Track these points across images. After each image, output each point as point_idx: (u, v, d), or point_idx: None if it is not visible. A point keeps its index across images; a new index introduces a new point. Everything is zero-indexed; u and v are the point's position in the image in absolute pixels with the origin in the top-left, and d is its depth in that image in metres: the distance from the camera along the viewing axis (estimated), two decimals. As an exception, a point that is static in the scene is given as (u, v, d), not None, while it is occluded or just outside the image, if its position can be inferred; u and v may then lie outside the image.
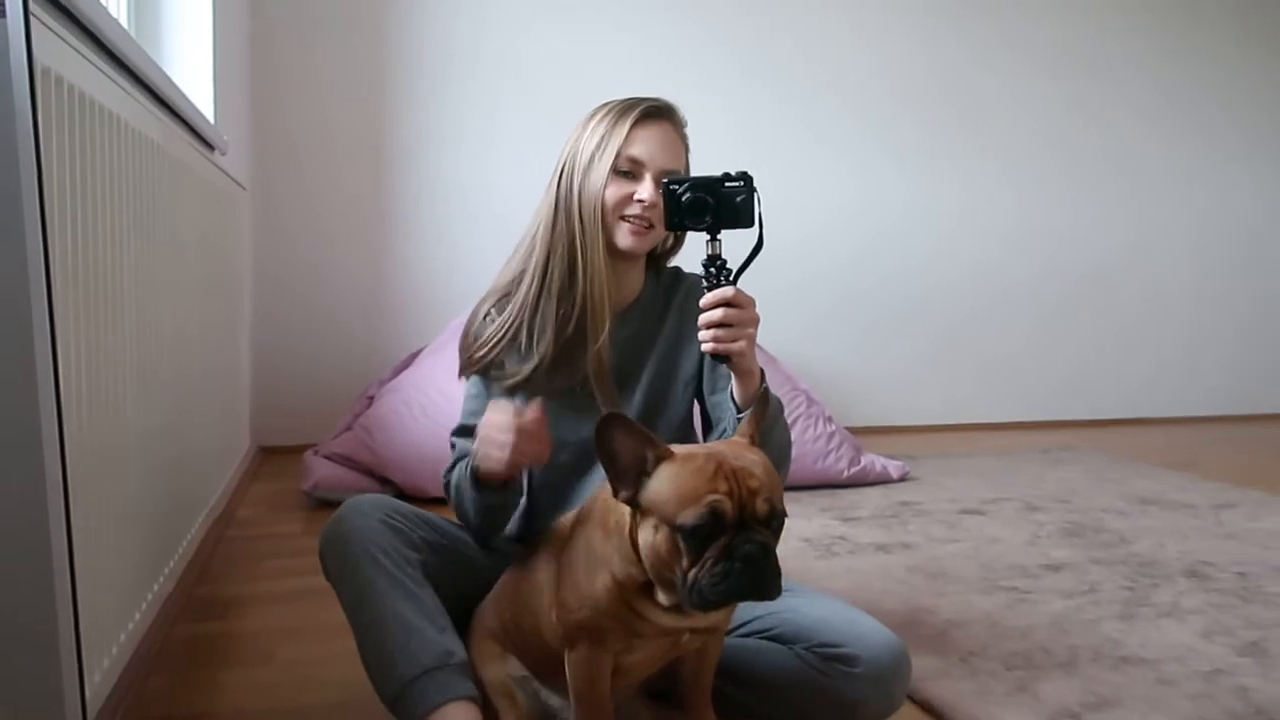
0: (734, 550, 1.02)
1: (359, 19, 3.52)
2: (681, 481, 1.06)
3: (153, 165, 1.56)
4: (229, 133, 2.51)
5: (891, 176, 4.07)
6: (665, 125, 1.43)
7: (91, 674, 1.14)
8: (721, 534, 1.03)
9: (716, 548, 1.02)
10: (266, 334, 3.43)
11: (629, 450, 1.08)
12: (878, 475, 3.05)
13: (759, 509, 1.04)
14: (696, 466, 1.06)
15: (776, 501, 1.06)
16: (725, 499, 1.03)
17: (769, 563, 1.04)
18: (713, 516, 1.02)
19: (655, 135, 1.41)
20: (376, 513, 1.28)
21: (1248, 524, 2.58)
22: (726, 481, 1.04)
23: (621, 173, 1.40)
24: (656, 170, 1.40)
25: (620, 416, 1.09)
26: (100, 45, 1.30)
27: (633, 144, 1.40)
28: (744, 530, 1.03)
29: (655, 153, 1.40)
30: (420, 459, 2.70)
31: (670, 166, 1.41)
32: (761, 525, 1.04)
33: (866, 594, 1.98)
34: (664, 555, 1.05)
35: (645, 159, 1.40)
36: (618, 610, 1.12)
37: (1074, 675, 1.57)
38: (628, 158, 1.40)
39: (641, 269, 1.52)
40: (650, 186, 1.39)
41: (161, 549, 1.66)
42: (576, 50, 3.61)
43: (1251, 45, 4.47)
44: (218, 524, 2.34)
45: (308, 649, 1.67)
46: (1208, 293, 4.49)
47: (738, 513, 1.03)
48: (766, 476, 1.07)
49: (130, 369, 1.39)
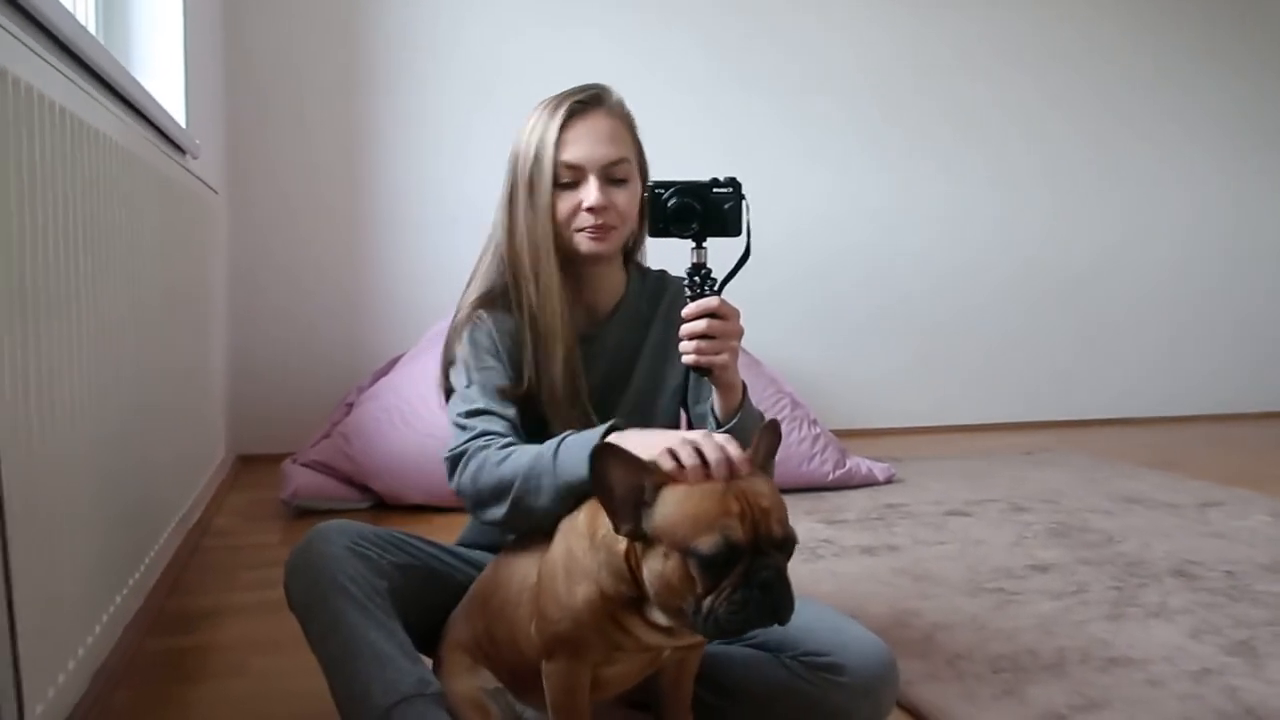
0: (752, 577, 0.97)
1: (337, 21, 3.48)
2: (691, 506, 1.00)
3: (113, 166, 1.52)
4: (202, 136, 2.47)
5: (874, 177, 4.06)
6: (596, 116, 1.35)
7: (43, 690, 1.09)
8: (737, 560, 0.97)
9: (735, 575, 0.97)
10: (244, 340, 3.39)
11: (624, 483, 1.02)
12: (863, 478, 3.03)
13: (774, 532, 1.00)
14: (705, 490, 1.01)
15: (788, 525, 1.02)
16: (739, 523, 0.98)
17: (786, 587, 1.00)
18: (727, 543, 0.97)
19: (586, 132, 1.34)
20: (343, 539, 1.22)
21: (1233, 522, 2.57)
22: (738, 503, 0.99)
23: (564, 185, 1.34)
24: (597, 168, 1.33)
25: (613, 448, 1.02)
26: (57, 43, 1.27)
27: (565, 149, 1.33)
28: (760, 556, 0.98)
29: (591, 151, 1.33)
30: (401, 466, 2.66)
31: (611, 157, 1.34)
32: (775, 549, 1.00)
33: (852, 597, 1.96)
34: (676, 584, 0.99)
35: (582, 161, 1.33)
36: (599, 623, 1.08)
37: (1062, 677, 1.55)
38: (565, 166, 1.33)
39: (619, 270, 1.47)
40: (595, 189, 1.32)
41: (124, 561, 1.62)
42: (557, 53, 3.58)
43: (1236, 50, 4.48)
44: (192, 534, 2.29)
45: (282, 661, 1.63)
46: (1189, 294, 4.49)
47: (752, 537, 0.98)
48: (775, 498, 1.03)
49: (84, 375, 1.35)
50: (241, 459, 3.34)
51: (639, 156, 1.41)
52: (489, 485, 1.25)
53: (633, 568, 1.04)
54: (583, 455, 1.14)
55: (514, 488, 1.21)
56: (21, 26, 1.12)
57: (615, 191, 1.35)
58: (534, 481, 1.21)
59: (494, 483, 1.25)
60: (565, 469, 1.17)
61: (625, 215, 1.36)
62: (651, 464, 1.03)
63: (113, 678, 1.48)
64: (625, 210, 1.36)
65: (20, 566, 1.02)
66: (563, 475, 1.17)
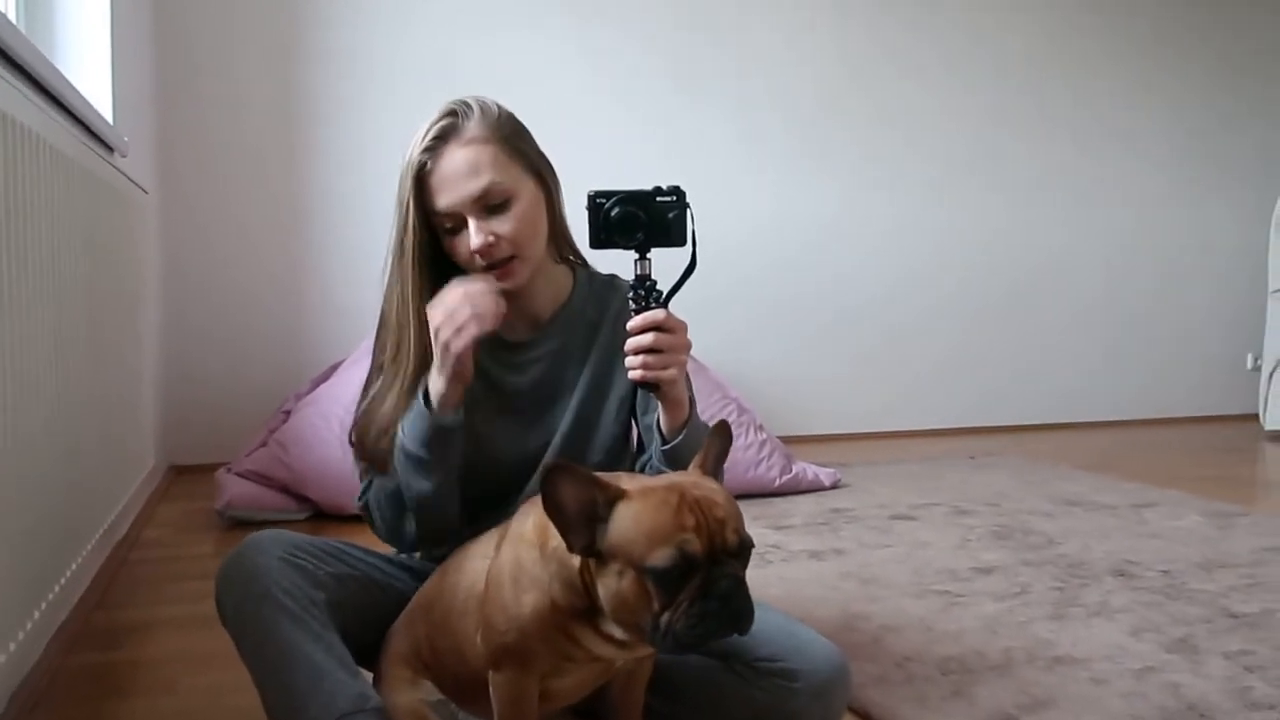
0: (710, 588, 0.95)
1: (273, 15, 3.40)
2: (645, 521, 0.97)
3: (36, 162, 1.46)
4: (130, 134, 2.38)
5: (818, 186, 4.08)
6: (449, 152, 1.26)
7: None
8: (694, 573, 0.95)
9: (691, 589, 0.94)
10: (177, 346, 3.28)
11: (575, 500, 0.98)
12: (809, 483, 3.03)
13: (729, 541, 0.97)
14: (658, 501, 0.98)
15: (744, 531, 1.00)
16: (694, 536, 0.95)
17: (744, 595, 0.97)
18: (683, 556, 0.94)
19: (447, 171, 1.25)
20: (276, 549, 1.18)
21: (1169, 522, 2.62)
22: (693, 515, 0.96)
23: (449, 230, 1.27)
24: (469, 207, 1.25)
25: (565, 466, 0.98)
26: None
27: (434, 196, 1.25)
28: (716, 566, 0.96)
29: (457, 191, 1.25)
30: (338, 475, 2.59)
31: (475, 191, 1.24)
32: (732, 558, 0.98)
33: (800, 601, 1.95)
34: (632, 602, 0.96)
35: (452, 207, 1.25)
36: (548, 634, 1.05)
37: (1008, 677, 1.56)
38: (442, 215, 1.26)
39: (558, 274, 1.41)
40: (474, 230, 1.24)
41: (42, 574, 1.54)
42: (504, 59, 3.54)
43: (1178, 64, 4.59)
44: (120, 547, 2.21)
45: (216, 676, 1.57)
46: (1126, 302, 4.59)
47: (708, 548, 0.96)
48: (730, 505, 1.00)
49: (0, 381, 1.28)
50: (175, 469, 3.24)
51: (521, 160, 1.30)
52: (389, 510, 1.30)
53: (586, 582, 1.01)
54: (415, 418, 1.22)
55: (402, 492, 1.26)
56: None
57: (498, 221, 1.26)
58: (405, 473, 1.25)
59: (389, 502, 1.29)
60: (409, 437, 1.23)
61: (519, 239, 1.27)
62: (604, 479, 1.00)
63: (34, 695, 1.41)
64: (517, 234, 1.27)
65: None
66: (410, 445, 1.23)
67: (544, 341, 1.39)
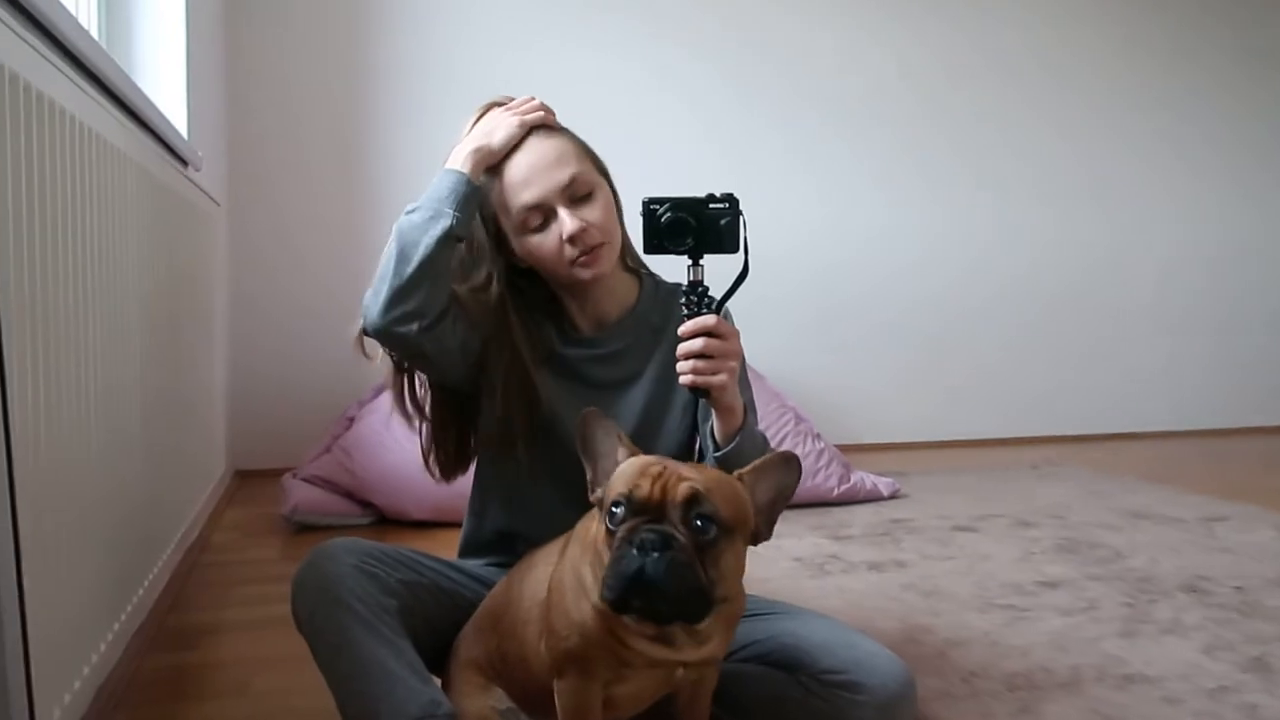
0: (634, 534, 0.99)
1: (336, 37, 3.47)
2: (624, 470, 1.05)
3: (121, 175, 1.51)
4: (203, 148, 2.45)
5: (871, 192, 4.05)
6: (529, 142, 1.29)
7: (50, 709, 1.07)
8: (635, 519, 1.00)
9: (624, 530, 1.00)
10: (243, 354, 3.36)
11: (602, 442, 1.11)
12: (868, 493, 3.00)
13: (678, 492, 1.00)
14: (643, 462, 1.05)
15: (707, 497, 1.00)
16: (648, 482, 1.01)
17: (671, 558, 0.97)
18: (628, 500, 1.00)
19: (533, 160, 1.28)
20: (350, 558, 1.20)
21: (1240, 537, 2.55)
22: (659, 467, 1.03)
23: (534, 229, 1.29)
24: (559, 193, 1.27)
25: (598, 414, 1.12)
26: (61, 48, 1.25)
27: (518, 192, 1.27)
28: (656, 523, 1.00)
29: (546, 180, 1.27)
30: (402, 481, 2.63)
31: (571, 174, 1.28)
32: (681, 518, 0.99)
33: (860, 613, 1.94)
34: (599, 544, 1.04)
35: (542, 198, 1.27)
36: (604, 638, 1.07)
37: (1078, 695, 1.53)
38: (526, 210, 1.28)
39: (625, 278, 1.43)
40: (567, 218, 1.26)
41: (129, 578, 1.59)
42: (556, 68, 3.57)
43: (1226, 68, 4.49)
44: (191, 550, 2.27)
45: (284, 679, 1.60)
46: (1181, 307, 4.49)
47: (658, 499, 1.00)
48: (705, 479, 1.02)
49: (93, 391, 1.33)
50: (240, 474, 3.31)
51: (592, 158, 1.34)
52: (377, 273, 1.26)
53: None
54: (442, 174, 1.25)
55: (393, 245, 1.25)
56: (25, 27, 1.10)
57: (586, 209, 1.29)
58: (408, 231, 1.24)
59: (380, 266, 1.26)
60: (434, 190, 1.25)
61: (606, 227, 1.30)
62: (628, 439, 1.11)
63: (114, 696, 1.45)
64: (604, 223, 1.30)
65: (31, 582, 1.00)
66: (435, 195, 1.25)
67: (609, 343, 1.40)
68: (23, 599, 0.92)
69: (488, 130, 1.29)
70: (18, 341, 1.01)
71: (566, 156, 1.29)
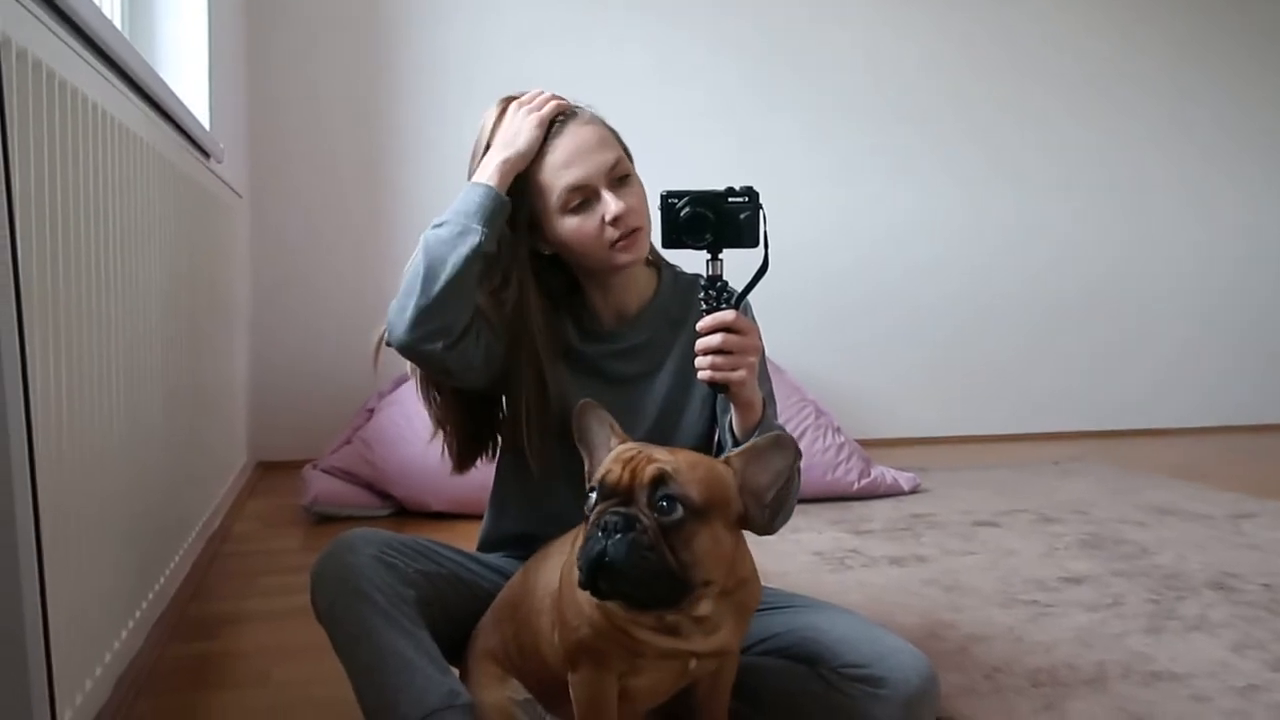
0: (600, 517, 1.00)
1: (357, 29, 3.48)
2: (602, 459, 1.08)
3: (144, 167, 1.51)
4: (225, 140, 2.46)
5: (892, 186, 4.02)
6: (572, 127, 1.28)
7: (71, 696, 1.07)
8: (606, 501, 1.01)
9: (595, 513, 1.01)
10: (264, 345, 3.37)
11: (597, 433, 1.13)
12: (888, 487, 2.98)
13: (645, 475, 1.00)
14: (621, 449, 1.06)
15: (674, 478, 0.99)
16: (620, 468, 1.01)
17: (633, 539, 0.97)
18: (602, 483, 1.02)
19: (578, 143, 1.27)
20: (369, 548, 1.20)
21: (1269, 534, 2.51)
22: (633, 453, 1.03)
23: (574, 209, 1.27)
24: (604, 174, 1.27)
25: (594, 405, 1.15)
26: (84, 36, 1.25)
27: (560, 173, 1.26)
28: (624, 506, 1.00)
29: (591, 161, 1.26)
30: (422, 473, 2.63)
31: (616, 156, 1.28)
32: (648, 500, 0.99)
33: (881, 608, 1.92)
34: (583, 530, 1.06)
35: (587, 178, 1.26)
36: (611, 629, 1.06)
37: (1103, 691, 1.51)
38: (570, 191, 1.26)
39: (646, 270, 1.42)
40: (611, 199, 1.26)
41: (150, 567, 1.60)
42: (577, 64, 3.56)
43: (1250, 65, 4.43)
44: (213, 541, 2.28)
45: (304, 669, 1.61)
46: (1204, 302, 4.44)
47: (628, 484, 1.00)
48: (676, 460, 1.02)
49: (115, 383, 1.33)
50: (262, 465, 3.33)
51: (624, 145, 1.35)
52: (403, 287, 1.23)
53: None
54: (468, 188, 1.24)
55: (420, 260, 1.22)
56: (51, 17, 1.10)
57: (627, 192, 1.29)
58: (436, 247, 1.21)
59: (406, 280, 1.23)
60: (462, 205, 1.22)
61: (643, 212, 1.31)
62: (620, 429, 1.13)
63: (136, 684, 1.46)
64: (641, 207, 1.31)
65: (52, 571, 1.00)
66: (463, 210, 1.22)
67: (630, 335, 1.39)
68: (44, 587, 0.93)
69: (508, 140, 1.27)
70: (40, 331, 1.01)
71: (608, 140, 1.30)
